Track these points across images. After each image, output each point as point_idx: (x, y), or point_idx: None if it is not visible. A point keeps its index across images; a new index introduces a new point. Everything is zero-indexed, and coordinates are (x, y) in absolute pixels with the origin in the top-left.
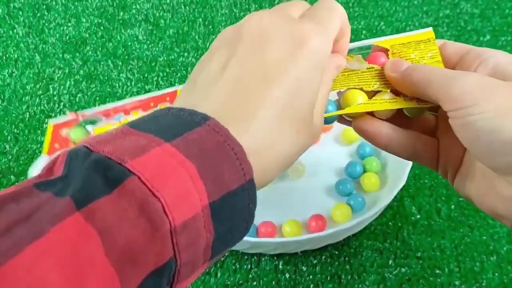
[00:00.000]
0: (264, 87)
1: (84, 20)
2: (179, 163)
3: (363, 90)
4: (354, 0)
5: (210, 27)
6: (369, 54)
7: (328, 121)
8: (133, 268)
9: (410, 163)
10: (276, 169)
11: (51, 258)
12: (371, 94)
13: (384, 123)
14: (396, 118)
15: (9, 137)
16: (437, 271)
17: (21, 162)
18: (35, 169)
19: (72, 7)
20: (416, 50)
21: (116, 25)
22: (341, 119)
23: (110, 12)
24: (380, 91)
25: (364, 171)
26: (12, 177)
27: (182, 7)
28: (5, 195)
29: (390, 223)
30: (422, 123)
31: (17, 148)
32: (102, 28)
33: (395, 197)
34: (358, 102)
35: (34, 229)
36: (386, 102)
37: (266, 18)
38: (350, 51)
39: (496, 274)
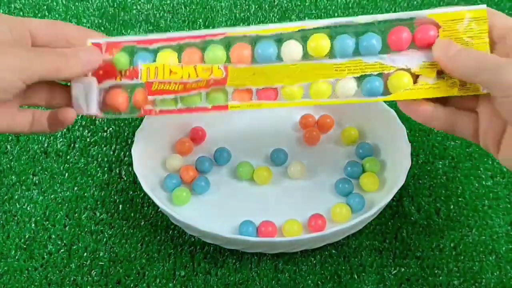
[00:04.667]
0: None
1: (84, 20)
2: None
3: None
4: (353, 1)
5: (211, 28)
6: (413, 26)
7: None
8: None
9: (409, 163)
10: None
11: None
12: (415, 76)
13: (426, 102)
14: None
15: (10, 137)
16: (436, 271)
17: (22, 162)
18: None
19: (73, 7)
20: (467, 31)
21: (116, 25)
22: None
23: (110, 13)
24: (424, 74)
25: (364, 171)
26: (13, 177)
27: (183, 7)
28: None
29: (389, 223)
30: (462, 98)
31: (18, 148)
32: (102, 28)
33: (394, 197)
34: (403, 81)
35: None
36: (431, 88)
37: None
38: (391, 21)
39: (495, 274)
